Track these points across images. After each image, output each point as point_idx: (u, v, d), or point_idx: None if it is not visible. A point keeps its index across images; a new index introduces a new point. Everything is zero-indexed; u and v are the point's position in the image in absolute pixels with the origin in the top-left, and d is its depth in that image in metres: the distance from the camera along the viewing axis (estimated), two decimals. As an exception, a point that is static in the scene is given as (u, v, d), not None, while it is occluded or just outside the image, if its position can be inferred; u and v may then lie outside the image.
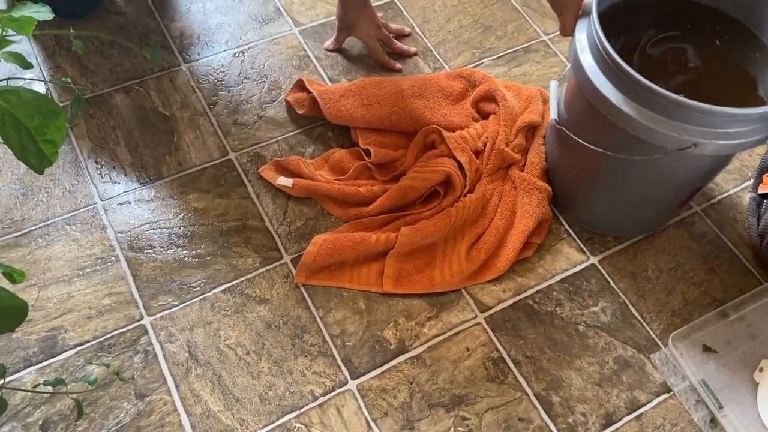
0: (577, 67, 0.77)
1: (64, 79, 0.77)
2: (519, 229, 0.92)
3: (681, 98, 0.68)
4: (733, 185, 1.01)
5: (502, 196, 0.95)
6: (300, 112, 1.02)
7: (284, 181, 0.94)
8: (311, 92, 1.01)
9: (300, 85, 1.05)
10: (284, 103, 1.05)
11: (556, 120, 0.87)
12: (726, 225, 0.97)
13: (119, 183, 0.96)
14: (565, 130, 0.84)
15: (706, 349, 0.85)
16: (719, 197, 1.00)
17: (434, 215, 0.92)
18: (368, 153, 0.97)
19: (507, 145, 0.97)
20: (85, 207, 0.93)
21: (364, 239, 0.89)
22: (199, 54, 1.10)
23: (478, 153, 0.97)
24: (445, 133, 0.95)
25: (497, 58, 1.13)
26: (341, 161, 0.98)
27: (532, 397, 0.82)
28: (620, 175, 0.84)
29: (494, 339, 0.86)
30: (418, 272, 0.90)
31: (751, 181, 1.01)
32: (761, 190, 0.98)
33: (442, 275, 0.89)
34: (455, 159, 0.95)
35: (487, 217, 0.94)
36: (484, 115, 1.02)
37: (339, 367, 0.83)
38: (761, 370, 0.83)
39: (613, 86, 0.73)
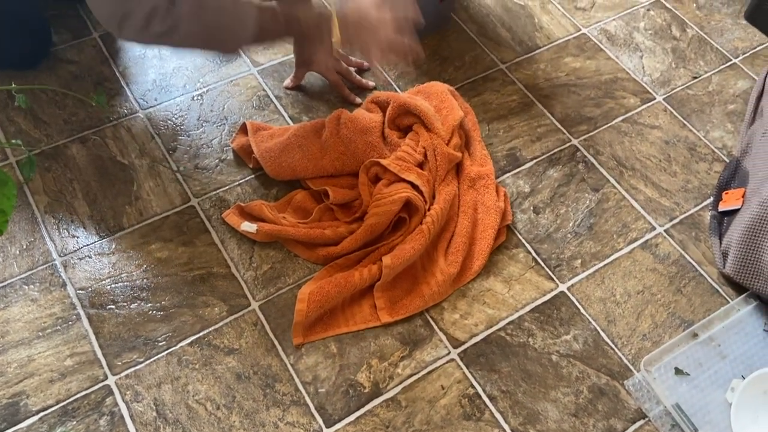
0: None
1: (13, 141, 0.75)
2: (486, 224, 0.96)
3: None
4: (694, 204, 1.03)
5: (461, 195, 0.98)
6: (249, 165, 1.02)
7: (248, 227, 0.93)
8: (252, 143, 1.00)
9: (244, 130, 1.04)
10: (231, 151, 1.03)
11: None
12: (689, 245, 0.98)
13: (78, 237, 0.93)
14: None
15: (678, 371, 0.86)
16: (681, 217, 1.01)
17: (408, 237, 0.92)
18: (327, 194, 0.96)
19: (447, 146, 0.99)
20: (44, 264, 0.91)
21: (348, 279, 0.88)
22: (156, 99, 1.08)
23: (421, 165, 0.98)
24: (384, 162, 0.96)
25: (456, 88, 1.13)
26: (303, 202, 0.97)
27: (510, 433, 0.82)
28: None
29: (469, 375, 0.86)
30: (407, 294, 0.90)
31: (711, 200, 1.03)
32: (721, 207, 1.00)
33: (430, 289, 0.90)
34: (405, 180, 0.95)
35: (451, 220, 0.96)
36: (406, 129, 1.03)
37: (313, 416, 0.82)
38: (733, 390, 0.83)
39: None
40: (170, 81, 1.11)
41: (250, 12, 0.86)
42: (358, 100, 1.10)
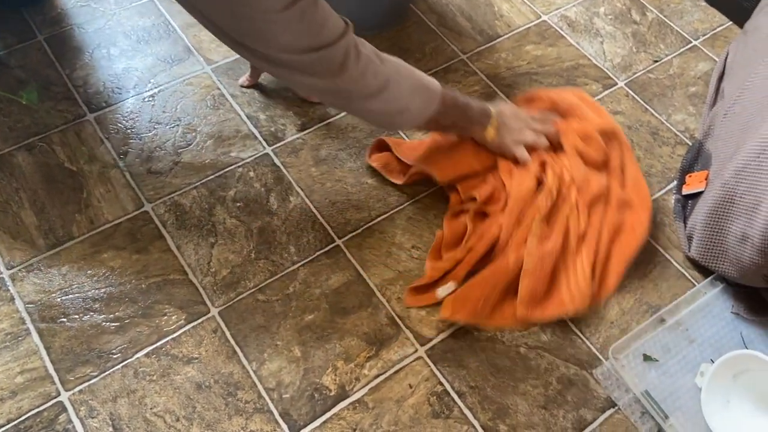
0: None
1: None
2: (627, 243, 0.92)
3: None
4: (658, 189, 1.02)
5: (606, 213, 0.94)
6: (398, 182, 0.98)
7: (445, 291, 0.88)
8: (396, 155, 0.98)
9: (378, 148, 1.01)
10: (369, 166, 1.00)
11: None
12: (654, 229, 0.97)
13: (26, 249, 0.89)
14: None
15: (647, 358, 0.85)
16: (646, 202, 1.00)
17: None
18: (474, 198, 0.94)
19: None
20: (-10, 279, 0.87)
21: (500, 267, 0.87)
22: (105, 102, 1.05)
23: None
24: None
25: (417, 80, 1.11)
26: (451, 235, 0.93)
27: (479, 429, 0.80)
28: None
29: (437, 372, 0.84)
30: (548, 293, 0.87)
31: (674, 183, 1.02)
32: (685, 190, 0.99)
33: (570, 294, 0.87)
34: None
35: (593, 230, 0.92)
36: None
37: (277, 423, 0.79)
38: (702, 374, 0.83)
39: None
40: (120, 82, 1.07)
41: (436, 88, 0.86)
42: (315, 99, 1.07)
